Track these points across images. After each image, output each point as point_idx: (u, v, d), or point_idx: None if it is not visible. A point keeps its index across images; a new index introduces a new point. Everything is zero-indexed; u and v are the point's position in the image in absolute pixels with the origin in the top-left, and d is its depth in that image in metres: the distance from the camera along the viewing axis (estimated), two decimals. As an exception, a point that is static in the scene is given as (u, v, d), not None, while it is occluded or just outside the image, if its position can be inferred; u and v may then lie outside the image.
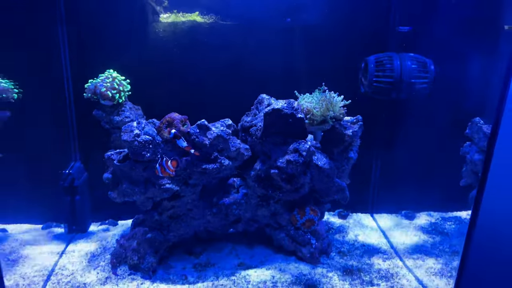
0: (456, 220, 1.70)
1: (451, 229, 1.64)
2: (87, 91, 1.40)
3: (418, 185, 1.69)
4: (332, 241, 1.54)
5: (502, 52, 1.27)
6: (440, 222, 1.69)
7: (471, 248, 1.18)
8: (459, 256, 1.25)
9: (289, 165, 1.28)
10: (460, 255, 1.20)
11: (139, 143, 1.23)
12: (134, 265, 1.35)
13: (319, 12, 1.55)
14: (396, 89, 1.50)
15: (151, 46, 1.55)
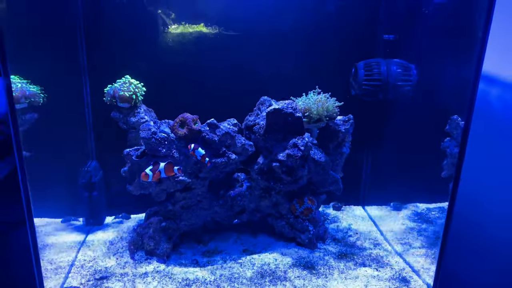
0: (439, 210, 1.86)
1: (435, 218, 1.81)
2: (107, 95, 1.55)
3: (405, 179, 1.85)
4: (328, 229, 1.70)
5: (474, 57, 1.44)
6: (425, 212, 1.86)
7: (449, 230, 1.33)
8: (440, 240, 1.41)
9: (289, 158, 1.44)
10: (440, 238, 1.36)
11: (156, 140, 1.39)
12: (150, 250, 1.50)
13: (314, 24, 1.71)
14: (383, 91, 1.67)
15: (162, 54, 1.70)
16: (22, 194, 1.13)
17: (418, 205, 1.91)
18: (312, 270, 1.46)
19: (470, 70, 1.40)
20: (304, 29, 1.73)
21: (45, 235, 1.66)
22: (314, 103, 1.47)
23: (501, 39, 1.34)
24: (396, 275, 1.45)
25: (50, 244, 1.59)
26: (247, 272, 1.44)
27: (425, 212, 1.86)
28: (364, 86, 1.66)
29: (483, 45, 1.17)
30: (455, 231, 1.32)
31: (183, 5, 1.73)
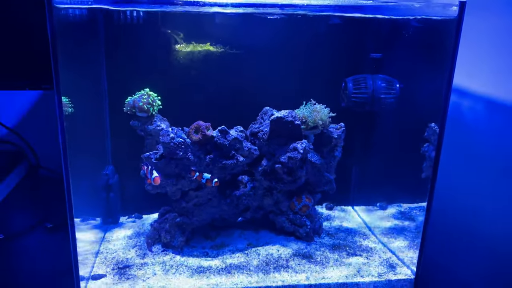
0: (420, 208, 2.08)
1: (416, 216, 2.03)
2: (126, 105, 1.75)
3: (390, 181, 2.07)
4: (322, 225, 1.90)
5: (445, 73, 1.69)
6: (408, 211, 2.08)
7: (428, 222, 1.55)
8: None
9: (290, 160, 1.65)
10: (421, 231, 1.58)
11: (174, 144, 1.59)
12: (166, 243, 1.69)
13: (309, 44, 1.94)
14: (369, 103, 1.90)
15: (173, 70, 1.91)
16: (66, 197, 1.32)
17: (401, 205, 2.13)
18: (310, 259, 1.67)
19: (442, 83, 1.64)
20: (301, 48, 1.95)
21: (69, 232, 1.83)
22: (310, 113, 1.69)
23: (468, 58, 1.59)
24: (384, 263, 1.66)
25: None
26: (253, 261, 1.64)
27: (407, 211, 2.08)
28: (352, 99, 1.89)
29: (452, 63, 1.40)
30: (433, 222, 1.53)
31: (191, 26, 1.94)
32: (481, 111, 1.78)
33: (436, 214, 1.57)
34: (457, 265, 1.73)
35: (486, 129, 1.69)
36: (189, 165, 1.61)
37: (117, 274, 1.53)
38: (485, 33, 1.69)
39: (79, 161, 1.92)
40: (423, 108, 1.90)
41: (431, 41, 1.75)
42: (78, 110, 1.75)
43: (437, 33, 1.66)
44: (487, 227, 1.64)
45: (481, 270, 1.70)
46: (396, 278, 1.58)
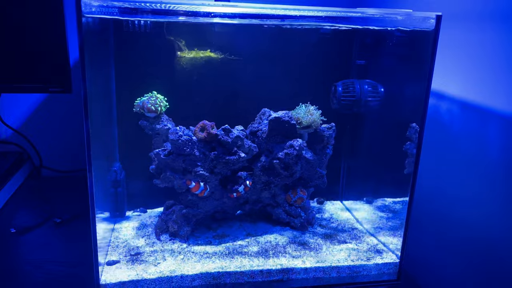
0: (403, 203, 2.26)
1: (399, 209, 2.21)
2: (136, 106, 1.90)
3: (375, 178, 2.26)
4: (315, 216, 2.08)
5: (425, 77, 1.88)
6: (391, 204, 2.27)
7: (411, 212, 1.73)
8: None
9: (287, 156, 1.83)
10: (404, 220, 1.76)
11: (182, 141, 1.74)
12: (174, 232, 1.84)
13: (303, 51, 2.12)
14: (356, 105, 2.09)
15: (177, 75, 2.07)
16: (89, 191, 1.46)
17: (385, 199, 2.31)
18: (305, 246, 1.84)
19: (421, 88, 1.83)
20: (295, 55, 2.14)
21: (81, 224, 1.97)
22: (304, 113, 1.87)
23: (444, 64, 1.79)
24: (371, 249, 1.84)
25: (87, 230, 1.90)
26: (254, 247, 1.80)
27: (391, 204, 2.26)
28: (342, 101, 2.07)
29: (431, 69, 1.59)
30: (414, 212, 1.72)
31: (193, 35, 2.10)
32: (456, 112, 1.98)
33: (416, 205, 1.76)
34: (435, 249, 1.92)
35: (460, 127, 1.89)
36: (195, 160, 1.77)
37: (130, 260, 1.68)
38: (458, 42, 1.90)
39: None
40: (405, 109, 2.09)
41: (411, 50, 1.94)
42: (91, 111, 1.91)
43: (416, 43, 1.85)
44: (460, 215, 1.84)
45: (455, 252, 1.90)
46: (383, 261, 1.76)
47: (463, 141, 1.89)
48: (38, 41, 2.27)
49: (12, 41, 2.25)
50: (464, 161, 1.85)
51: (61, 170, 2.74)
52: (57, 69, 2.32)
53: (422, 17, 1.59)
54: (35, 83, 2.37)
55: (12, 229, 2.00)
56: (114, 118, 2.02)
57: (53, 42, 2.25)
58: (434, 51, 1.57)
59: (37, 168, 2.74)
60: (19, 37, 2.26)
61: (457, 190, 1.89)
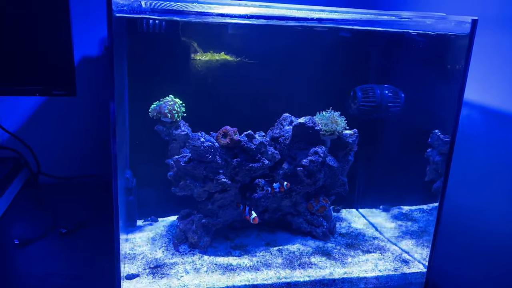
0: (420, 211, 2.23)
1: (418, 217, 2.17)
2: (152, 111, 1.81)
3: (391, 186, 2.22)
4: (335, 225, 2.02)
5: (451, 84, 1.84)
6: (408, 212, 2.22)
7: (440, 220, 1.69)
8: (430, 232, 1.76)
9: (311, 164, 1.76)
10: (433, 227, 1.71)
11: (204, 148, 1.66)
12: (194, 243, 1.75)
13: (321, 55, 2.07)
14: (377, 111, 2.04)
15: (193, 78, 1.99)
16: (114, 205, 1.37)
17: (402, 207, 2.27)
18: (329, 256, 1.78)
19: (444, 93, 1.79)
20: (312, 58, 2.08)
21: (93, 234, 1.87)
22: (328, 119, 1.81)
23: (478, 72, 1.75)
24: (397, 258, 1.79)
25: (101, 241, 1.80)
26: (278, 259, 1.73)
27: (408, 212, 2.22)
28: (361, 107, 2.02)
29: (464, 74, 1.55)
30: (444, 221, 1.67)
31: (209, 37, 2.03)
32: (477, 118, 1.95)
33: (446, 213, 1.71)
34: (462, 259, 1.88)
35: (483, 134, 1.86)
36: (217, 168, 1.69)
37: (150, 274, 1.59)
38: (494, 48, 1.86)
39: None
40: (426, 115, 2.06)
41: (436, 54, 1.91)
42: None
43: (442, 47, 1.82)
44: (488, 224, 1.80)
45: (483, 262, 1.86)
46: (410, 271, 1.71)
47: (488, 148, 1.86)
48: (40, 40, 2.13)
49: (12, 40, 2.10)
50: (490, 169, 1.82)
51: (60, 176, 2.61)
52: (61, 71, 2.19)
53: (457, 21, 1.55)
54: (36, 86, 2.24)
55: (16, 240, 1.88)
56: (126, 123, 1.93)
57: (56, 41, 2.12)
58: (468, 56, 1.53)
59: (35, 174, 2.61)
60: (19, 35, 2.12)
61: (484, 199, 1.86)
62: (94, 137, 2.50)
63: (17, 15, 2.06)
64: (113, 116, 1.34)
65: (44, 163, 2.60)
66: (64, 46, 2.14)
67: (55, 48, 2.15)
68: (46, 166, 2.60)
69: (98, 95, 2.41)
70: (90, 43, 2.36)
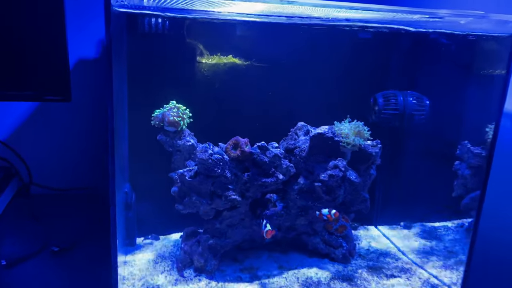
0: (444, 228, 2.06)
1: (442, 235, 2.00)
2: (155, 119, 1.63)
3: (413, 201, 2.04)
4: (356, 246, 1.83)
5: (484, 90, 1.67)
6: (432, 230, 2.05)
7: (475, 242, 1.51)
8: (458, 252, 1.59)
9: (331, 178, 1.58)
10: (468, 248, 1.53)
11: (212, 161, 1.48)
12: (200, 267, 1.57)
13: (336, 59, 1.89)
14: (399, 119, 1.87)
15: (198, 83, 1.82)
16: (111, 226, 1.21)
17: (424, 224, 2.09)
18: (351, 282, 1.59)
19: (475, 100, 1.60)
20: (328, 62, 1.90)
21: (87, 256, 1.68)
22: (349, 129, 1.63)
23: None
24: (425, 284, 1.61)
25: (95, 264, 1.61)
26: (294, 285, 1.55)
27: (432, 230, 2.04)
28: (382, 115, 1.85)
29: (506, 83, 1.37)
30: (480, 243, 1.49)
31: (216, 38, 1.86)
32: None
33: (482, 234, 1.54)
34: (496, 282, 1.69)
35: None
36: (226, 183, 1.52)
37: (151, 303, 1.40)
38: None
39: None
40: (454, 125, 1.88)
41: (467, 57, 1.74)
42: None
43: (477, 50, 1.64)
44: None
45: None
46: (442, 300, 1.53)
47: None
48: (32, 40, 1.92)
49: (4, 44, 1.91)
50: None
51: (53, 187, 2.42)
52: (54, 74, 1.99)
53: (498, 20, 1.38)
54: (28, 90, 2.05)
55: (3, 261, 1.69)
56: (125, 132, 1.75)
57: (49, 40, 1.91)
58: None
59: (26, 185, 2.42)
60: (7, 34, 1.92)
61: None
62: (90, 146, 2.31)
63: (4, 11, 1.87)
64: (111, 124, 1.19)
65: (37, 173, 2.40)
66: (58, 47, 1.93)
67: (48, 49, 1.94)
68: (38, 176, 2.40)
69: (95, 101, 2.22)
70: (87, 43, 2.17)
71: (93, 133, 2.29)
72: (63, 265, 1.71)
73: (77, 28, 2.05)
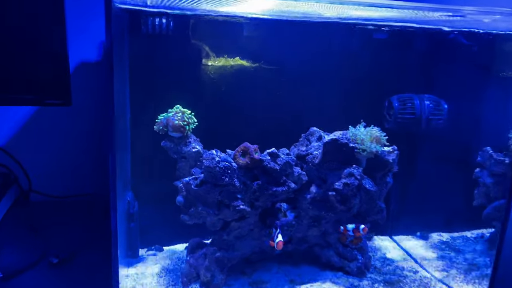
0: (463, 238, 1.96)
1: (461, 246, 1.89)
2: (159, 124, 1.54)
3: (429, 210, 1.94)
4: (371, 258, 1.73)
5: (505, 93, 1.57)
6: (450, 241, 1.94)
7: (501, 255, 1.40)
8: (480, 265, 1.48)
9: (345, 187, 1.49)
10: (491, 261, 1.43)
11: (220, 169, 1.39)
12: (207, 281, 1.47)
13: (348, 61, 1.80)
14: (416, 124, 1.77)
15: (204, 86, 1.73)
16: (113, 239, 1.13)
17: (441, 234, 1.99)
18: (367, 298, 1.49)
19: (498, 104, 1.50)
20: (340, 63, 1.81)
21: (87, 269, 1.59)
22: (365, 134, 1.53)
23: None
24: (447, 300, 1.51)
25: (96, 277, 1.52)
26: (307, 301, 1.45)
27: (450, 241, 1.94)
28: (398, 119, 1.75)
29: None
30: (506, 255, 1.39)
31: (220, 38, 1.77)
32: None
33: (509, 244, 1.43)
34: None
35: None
36: (235, 192, 1.42)
37: (155, 321, 1.31)
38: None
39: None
40: (474, 130, 1.78)
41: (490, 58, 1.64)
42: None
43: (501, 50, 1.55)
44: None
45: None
46: (465, 318, 1.42)
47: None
48: (31, 42, 1.83)
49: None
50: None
51: (53, 195, 2.33)
52: (54, 77, 1.90)
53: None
54: (27, 94, 1.96)
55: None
56: (128, 137, 1.66)
57: (49, 42, 1.82)
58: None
59: (26, 192, 2.33)
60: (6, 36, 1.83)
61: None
62: (91, 152, 2.22)
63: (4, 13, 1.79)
64: (112, 129, 1.13)
65: (36, 179, 2.31)
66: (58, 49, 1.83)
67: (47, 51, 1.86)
68: (37, 183, 2.32)
69: (96, 105, 2.13)
70: (88, 45, 2.08)
71: (94, 138, 2.21)
72: (61, 277, 1.61)
73: (77, 29, 1.96)
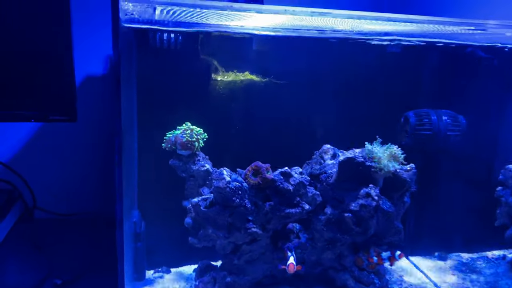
0: (484, 259, 1.87)
1: (482, 268, 1.81)
2: (167, 142, 1.49)
3: (447, 230, 1.86)
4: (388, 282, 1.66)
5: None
6: (470, 262, 1.86)
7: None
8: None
9: (363, 209, 1.42)
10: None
11: (230, 189, 1.33)
12: (216, 308, 1.40)
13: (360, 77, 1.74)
14: (433, 141, 1.70)
15: (213, 102, 1.68)
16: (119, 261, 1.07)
17: (460, 255, 1.91)
18: (385, 325, 1.41)
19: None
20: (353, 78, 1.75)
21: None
22: (382, 152, 1.47)
23: None
24: (471, 328, 1.42)
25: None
26: (322, 329, 1.37)
27: (470, 262, 1.86)
28: (414, 136, 1.69)
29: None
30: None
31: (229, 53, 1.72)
32: None
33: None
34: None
35: None
36: (246, 214, 1.36)
37: None
38: None
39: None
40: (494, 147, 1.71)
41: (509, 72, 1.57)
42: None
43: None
44: None
45: None
46: None
47: None
48: (36, 57, 1.79)
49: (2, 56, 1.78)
50: None
51: (58, 212, 2.28)
52: (60, 93, 1.86)
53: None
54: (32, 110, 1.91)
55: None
56: (135, 155, 1.60)
57: (55, 57, 1.78)
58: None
59: (30, 209, 2.28)
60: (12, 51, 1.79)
61: None
62: (96, 170, 2.17)
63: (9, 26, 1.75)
64: (119, 146, 1.12)
65: (40, 196, 2.27)
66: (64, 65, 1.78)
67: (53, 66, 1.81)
68: (42, 200, 2.27)
69: (102, 121, 2.09)
70: (94, 60, 2.04)
71: (99, 155, 2.16)
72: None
73: (84, 44, 1.92)
